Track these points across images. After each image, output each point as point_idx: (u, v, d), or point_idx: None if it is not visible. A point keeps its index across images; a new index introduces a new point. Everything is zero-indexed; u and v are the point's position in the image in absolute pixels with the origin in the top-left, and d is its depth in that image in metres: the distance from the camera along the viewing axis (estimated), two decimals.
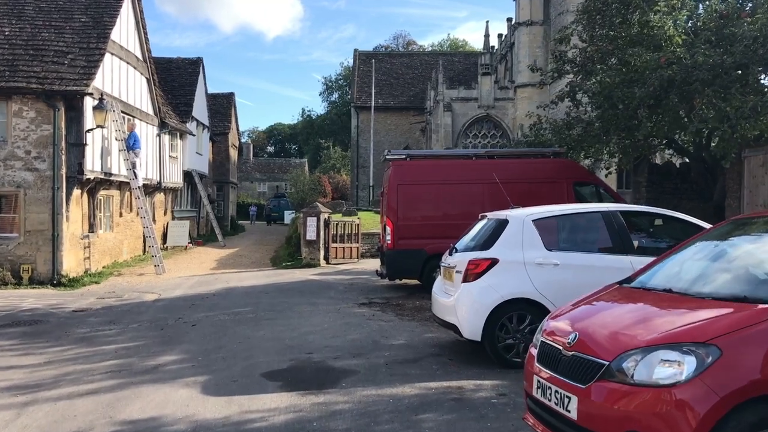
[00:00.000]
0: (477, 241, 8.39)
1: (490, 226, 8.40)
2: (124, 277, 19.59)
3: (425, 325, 10.78)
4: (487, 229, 8.40)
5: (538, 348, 4.80)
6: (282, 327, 10.89)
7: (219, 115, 41.61)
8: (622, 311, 4.58)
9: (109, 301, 14.91)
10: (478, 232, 8.68)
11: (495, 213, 8.83)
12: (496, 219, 8.42)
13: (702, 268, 4.94)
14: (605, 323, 4.41)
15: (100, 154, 19.87)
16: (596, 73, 15.60)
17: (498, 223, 8.20)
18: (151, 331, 10.99)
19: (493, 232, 8.14)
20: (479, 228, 8.77)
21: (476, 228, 8.90)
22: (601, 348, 4.12)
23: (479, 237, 8.44)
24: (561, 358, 4.40)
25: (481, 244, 8.15)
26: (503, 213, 8.47)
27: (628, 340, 4.03)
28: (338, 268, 20.73)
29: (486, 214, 8.89)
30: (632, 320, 4.29)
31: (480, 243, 8.22)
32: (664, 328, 3.95)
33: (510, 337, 7.66)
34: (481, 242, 8.20)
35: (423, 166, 15.30)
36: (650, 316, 4.29)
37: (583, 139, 15.20)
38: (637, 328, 4.13)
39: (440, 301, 8.51)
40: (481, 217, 9.06)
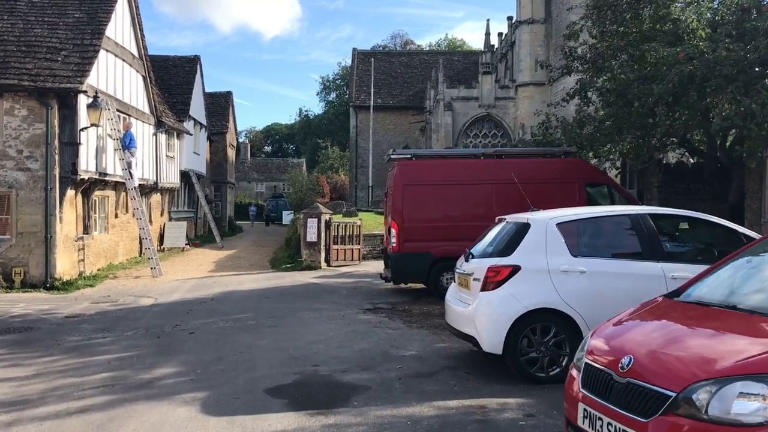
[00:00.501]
0: (496, 246, 7.85)
1: (509, 230, 7.86)
2: (120, 280, 19.02)
3: (436, 334, 10.24)
4: (506, 234, 7.86)
5: (582, 370, 4.26)
6: (285, 335, 10.34)
7: (217, 115, 41.02)
8: (682, 331, 4.04)
9: (103, 305, 14.35)
10: (495, 236, 8.15)
11: (514, 216, 8.29)
12: (516, 222, 7.88)
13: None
14: (665, 345, 3.86)
15: (95, 153, 19.30)
16: (607, 69, 15.11)
17: (518, 227, 7.67)
18: (146, 340, 10.43)
19: (513, 236, 7.60)
20: (497, 232, 8.24)
21: (493, 232, 8.37)
22: (665, 376, 3.58)
23: (498, 242, 7.90)
24: (613, 384, 3.87)
25: (500, 250, 7.61)
26: (524, 216, 7.93)
27: (697, 367, 3.49)
28: (340, 270, 20.18)
29: (504, 217, 8.35)
30: (698, 343, 3.75)
31: (499, 248, 7.68)
32: (740, 355, 3.41)
33: (533, 351, 7.13)
34: (501, 247, 7.66)
35: (429, 166, 14.76)
36: (719, 338, 3.75)
37: (595, 138, 14.67)
38: (705, 352, 3.59)
39: (456, 310, 7.96)
40: (498, 221, 8.52)
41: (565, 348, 7.12)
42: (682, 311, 4.39)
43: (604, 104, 14.95)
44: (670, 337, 3.96)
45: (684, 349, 3.71)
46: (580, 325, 7.05)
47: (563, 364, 7.11)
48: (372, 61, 51.26)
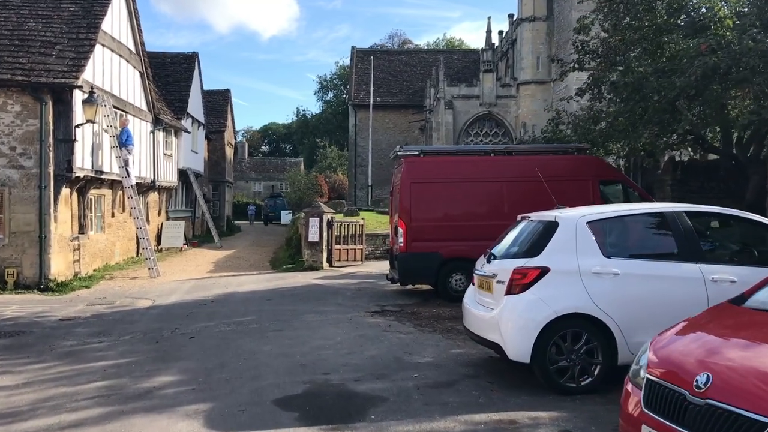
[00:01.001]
0: (520, 246, 7.32)
1: (534, 229, 7.33)
2: (116, 281, 18.47)
3: (450, 338, 9.72)
4: (531, 233, 7.33)
5: (645, 388, 3.73)
6: (290, 340, 9.81)
7: (215, 113, 40.46)
8: (765, 344, 3.51)
9: (99, 308, 13.81)
10: (519, 235, 7.62)
11: (540, 214, 7.76)
12: (541, 221, 7.35)
13: None
14: (748, 361, 3.34)
15: (91, 150, 18.74)
16: (620, 63, 14.63)
17: (545, 226, 7.13)
18: (144, 345, 9.90)
19: (540, 236, 7.07)
20: (520, 231, 7.71)
21: (515, 231, 7.84)
22: (756, 398, 3.06)
23: (523, 242, 7.37)
24: (687, 406, 3.35)
25: (526, 250, 7.08)
26: (551, 214, 7.40)
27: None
28: (342, 271, 19.65)
29: (529, 215, 7.82)
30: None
31: (525, 249, 7.15)
32: None
33: (563, 359, 6.59)
34: (526, 248, 7.13)
35: (437, 163, 14.24)
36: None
37: (609, 134, 14.16)
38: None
39: (476, 315, 7.44)
40: (521, 219, 7.99)
41: (597, 356, 6.60)
42: (760, 321, 3.87)
43: (617, 99, 14.43)
44: (753, 351, 3.44)
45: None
46: (614, 331, 6.53)
47: (595, 374, 6.60)
48: (371, 59, 50.71)
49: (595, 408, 6.19)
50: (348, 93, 59.15)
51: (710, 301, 6.50)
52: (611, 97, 14.47)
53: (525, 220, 7.80)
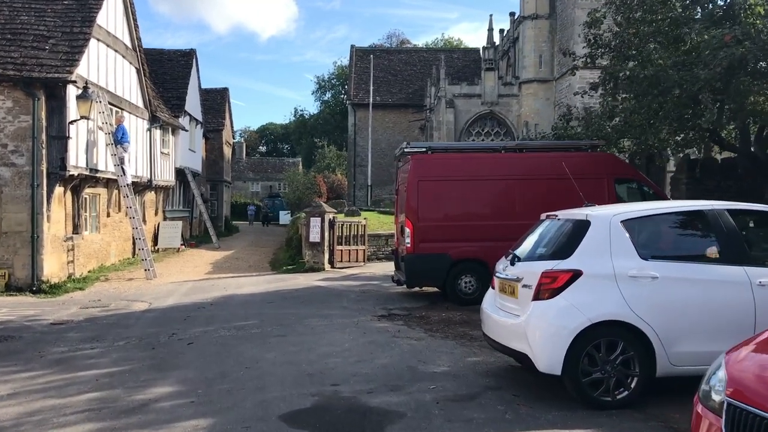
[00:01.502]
0: (548, 247, 6.75)
1: (563, 228, 6.76)
2: (112, 282, 17.89)
3: (464, 345, 9.16)
4: (559, 233, 6.77)
5: (727, 414, 3.18)
6: (295, 347, 9.24)
7: (213, 111, 39.85)
8: None
9: (93, 311, 13.24)
10: (544, 236, 7.06)
11: (568, 212, 7.19)
12: (571, 219, 6.79)
13: None
14: None
15: (85, 148, 18.16)
16: (635, 57, 14.09)
17: (575, 225, 6.57)
18: (140, 351, 9.32)
19: (570, 236, 6.50)
20: (545, 231, 7.15)
21: (540, 231, 7.27)
22: None
23: (550, 242, 6.80)
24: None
25: (554, 252, 6.51)
26: (581, 212, 6.84)
27: None
28: (345, 272, 19.08)
29: (555, 214, 7.24)
30: None
31: (553, 250, 6.58)
32: None
33: (597, 371, 6.03)
34: (555, 249, 6.57)
35: (446, 160, 13.68)
36: None
37: (624, 131, 13.60)
38: None
39: (498, 322, 6.88)
40: (546, 217, 7.41)
41: (634, 367, 6.04)
42: None
43: (632, 94, 13.88)
44: None
45: None
46: (652, 340, 5.97)
47: (632, 386, 6.03)
48: (371, 58, 50.12)
49: (635, 425, 5.64)
50: (347, 92, 58.58)
51: (758, 307, 5.98)
52: (625, 95, 13.88)
53: (550, 218, 7.23)
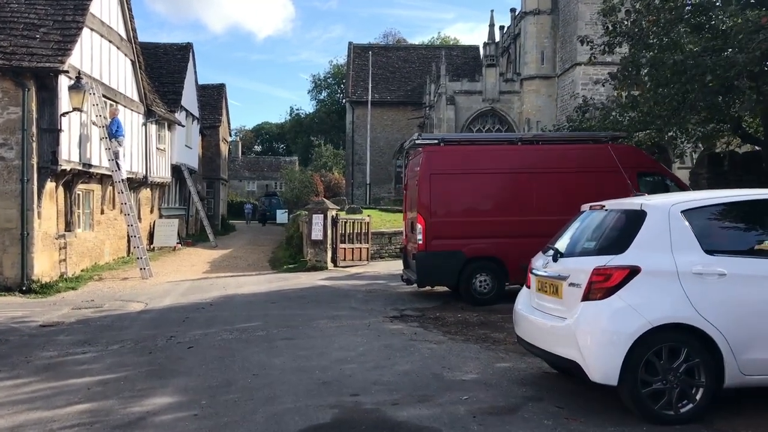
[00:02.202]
0: (597, 241, 6.03)
1: (613, 220, 6.04)
2: (106, 282, 17.12)
3: (489, 349, 8.43)
4: (608, 225, 6.04)
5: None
6: (305, 351, 8.51)
7: (209, 107, 39.08)
8: None
9: (86, 312, 12.48)
10: (590, 229, 6.33)
11: (618, 202, 6.47)
12: (621, 210, 6.06)
13: None
14: None
15: (78, 142, 17.38)
16: (656, 46, 13.40)
17: (629, 216, 5.85)
18: (136, 356, 8.58)
19: (623, 228, 5.78)
20: (589, 223, 6.42)
21: (583, 224, 6.55)
22: None
23: (599, 236, 6.08)
24: None
25: (606, 246, 5.78)
26: (634, 201, 6.11)
27: None
28: (348, 271, 18.35)
29: (602, 204, 6.50)
30: None
31: (604, 244, 5.85)
32: None
33: (658, 381, 5.31)
34: (606, 243, 5.84)
35: (460, 153, 12.94)
36: None
37: (649, 122, 12.90)
38: None
39: (538, 324, 6.16)
40: (589, 208, 6.67)
41: (700, 377, 5.31)
42: None
43: (654, 83, 13.16)
44: None
45: None
46: (720, 346, 5.26)
47: (697, 398, 5.31)
48: (369, 54, 49.37)
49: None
50: (345, 89, 57.88)
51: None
52: (652, 79, 13.09)
53: (595, 209, 6.50)
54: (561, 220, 12.65)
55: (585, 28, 36.15)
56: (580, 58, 36.42)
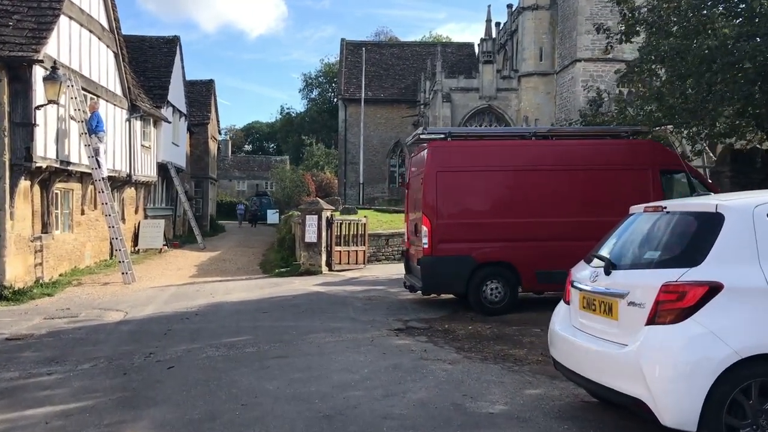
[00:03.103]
0: (662, 250, 4.98)
1: (679, 224, 4.99)
2: (85, 287, 15.96)
3: (512, 371, 7.38)
4: (672, 230, 5.00)
5: None
6: (301, 372, 7.43)
7: (197, 104, 37.88)
8: None
9: (58, 322, 11.36)
10: (647, 235, 5.28)
11: (682, 202, 5.45)
12: (690, 212, 5.02)
13: None
14: None
15: (55, 137, 16.23)
16: (678, 33, 12.42)
17: (701, 220, 4.80)
18: (108, 378, 7.48)
19: (694, 235, 4.73)
20: (645, 228, 5.36)
21: (635, 227, 5.50)
22: None
23: (661, 243, 5.03)
24: None
25: (675, 257, 4.73)
26: (706, 202, 5.05)
27: None
28: (344, 276, 17.28)
29: (660, 204, 5.42)
30: None
31: (672, 254, 4.80)
32: None
33: (747, 426, 4.26)
34: (675, 253, 4.79)
35: (468, 148, 11.92)
36: None
37: (674, 114, 11.88)
38: None
39: (584, 350, 5.12)
40: (644, 210, 5.60)
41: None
42: None
43: (677, 74, 12.16)
44: None
45: None
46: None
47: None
48: (363, 51, 48.28)
49: None
50: (337, 87, 56.75)
51: None
52: (674, 69, 12.07)
53: (651, 211, 5.43)
54: (579, 222, 11.67)
55: (585, 24, 35.25)
56: (580, 54, 35.61)
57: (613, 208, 11.51)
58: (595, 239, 11.38)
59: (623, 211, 11.55)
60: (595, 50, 35.14)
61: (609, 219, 11.46)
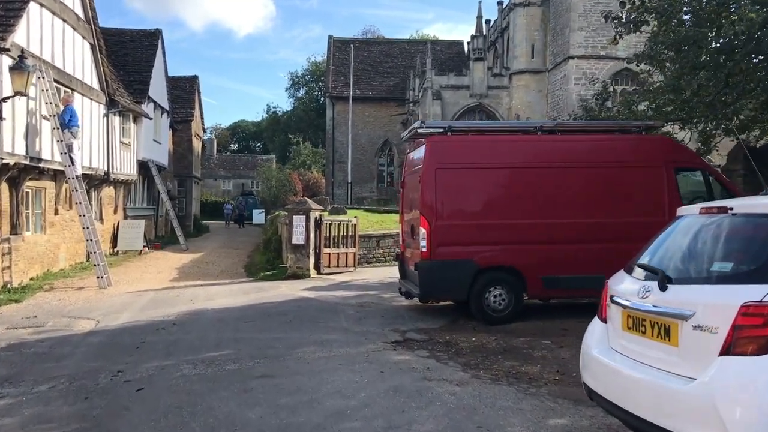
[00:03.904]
0: (734, 260, 4.04)
1: (755, 229, 4.06)
2: (57, 292, 14.93)
3: (529, 393, 6.46)
4: (747, 237, 4.08)
5: None
6: (289, 397, 6.49)
7: (181, 101, 36.76)
8: None
9: (22, 333, 10.37)
10: (709, 242, 4.33)
11: (751, 203, 4.51)
12: (762, 213, 4.12)
13: None
14: None
15: (25, 133, 15.21)
16: (690, 21, 11.61)
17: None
18: (66, 404, 6.51)
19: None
20: (705, 234, 4.40)
21: (695, 234, 4.55)
22: None
23: (732, 253, 4.09)
24: None
25: (756, 269, 3.77)
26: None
27: None
28: (334, 279, 16.35)
29: (726, 205, 4.43)
30: None
31: (752, 266, 3.84)
32: None
33: None
34: (756, 264, 3.83)
35: (471, 144, 11.00)
36: None
37: (694, 107, 11.05)
38: None
39: (631, 379, 4.20)
40: (700, 211, 4.64)
41: None
42: None
43: (690, 65, 11.33)
44: None
45: None
46: None
47: None
48: (351, 47, 47.27)
49: None
50: (325, 84, 55.77)
51: None
52: (685, 59, 11.25)
53: (711, 213, 4.51)
54: (588, 224, 10.76)
55: (579, 20, 34.50)
56: (573, 51, 34.80)
57: (624, 208, 10.70)
58: (605, 242, 10.58)
59: (636, 212, 10.76)
60: (588, 47, 34.43)
61: (620, 220, 10.69)
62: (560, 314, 10.96)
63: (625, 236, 10.36)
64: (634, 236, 10.45)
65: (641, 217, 10.32)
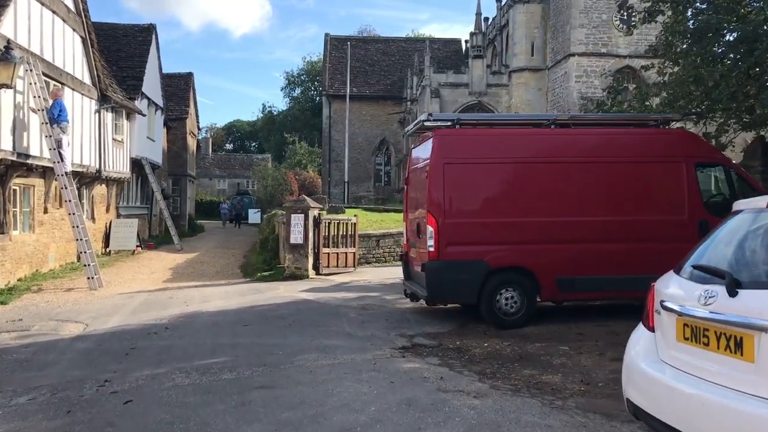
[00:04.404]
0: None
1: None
2: (45, 294, 14.31)
3: (555, 407, 5.89)
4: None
5: None
6: (291, 411, 5.90)
7: (176, 98, 36.09)
8: None
9: (5, 338, 9.79)
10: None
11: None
12: None
13: None
14: None
15: (12, 127, 14.59)
16: (708, 9, 11.06)
17: None
18: (45, 419, 5.91)
19: None
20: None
21: (759, 230, 4.02)
22: None
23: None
24: None
25: None
26: None
27: None
28: (333, 280, 15.77)
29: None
30: None
31: None
32: None
33: None
34: None
35: (480, 138, 10.43)
36: None
37: (717, 100, 10.49)
38: None
39: (691, 399, 3.64)
40: (766, 205, 4.12)
41: None
42: None
43: (708, 57, 10.79)
44: None
45: None
46: None
47: None
48: (348, 46, 46.69)
49: None
50: (321, 83, 55.17)
51: None
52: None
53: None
54: (604, 222, 10.11)
55: (579, 17, 34.00)
56: (574, 49, 34.29)
57: (643, 206, 10.14)
58: (623, 241, 9.99)
59: (655, 210, 10.21)
60: (590, 45, 33.93)
61: (639, 218, 10.12)
62: (574, 317, 10.42)
63: (643, 235, 9.93)
64: (653, 235, 10.00)
65: (660, 215, 9.89)
